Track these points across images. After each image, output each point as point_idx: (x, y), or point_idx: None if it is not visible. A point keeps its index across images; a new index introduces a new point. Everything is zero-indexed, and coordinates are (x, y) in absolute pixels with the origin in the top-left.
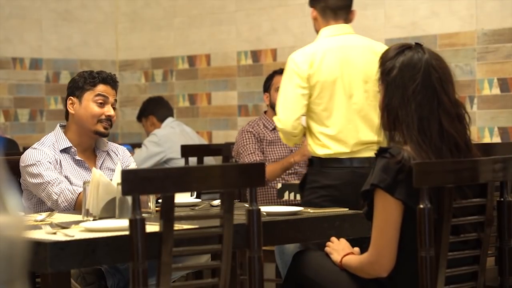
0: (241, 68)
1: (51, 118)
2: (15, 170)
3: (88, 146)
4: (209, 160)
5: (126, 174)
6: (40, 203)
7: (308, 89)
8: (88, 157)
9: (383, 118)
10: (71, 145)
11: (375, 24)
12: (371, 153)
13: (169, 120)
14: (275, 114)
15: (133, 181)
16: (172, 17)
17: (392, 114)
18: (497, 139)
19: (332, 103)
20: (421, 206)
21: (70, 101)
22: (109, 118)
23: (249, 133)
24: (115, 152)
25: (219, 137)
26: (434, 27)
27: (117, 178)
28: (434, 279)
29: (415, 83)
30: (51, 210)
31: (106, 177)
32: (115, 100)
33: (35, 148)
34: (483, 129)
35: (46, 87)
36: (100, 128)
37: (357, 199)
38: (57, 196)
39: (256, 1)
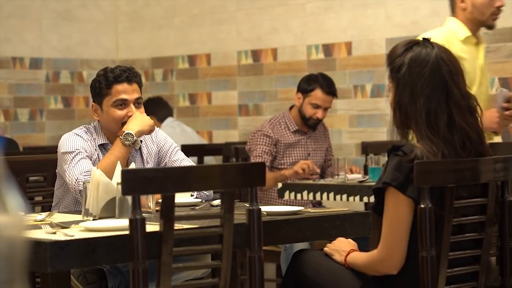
0: (242, 68)
1: (51, 117)
2: (15, 170)
3: None
4: (209, 160)
5: (126, 174)
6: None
7: None
8: None
9: (395, 116)
10: (108, 142)
11: (375, 24)
12: None
13: (169, 120)
14: (301, 116)
15: (133, 181)
16: (172, 17)
17: (403, 111)
18: (498, 139)
19: None
20: (422, 205)
21: (94, 107)
22: None
23: (264, 136)
24: (147, 144)
25: (220, 137)
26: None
27: (117, 178)
28: (435, 279)
29: (423, 78)
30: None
31: (106, 177)
32: (138, 97)
33: (78, 135)
34: None
35: (46, 87)
36: None
37: None
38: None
39: (256, 1)
